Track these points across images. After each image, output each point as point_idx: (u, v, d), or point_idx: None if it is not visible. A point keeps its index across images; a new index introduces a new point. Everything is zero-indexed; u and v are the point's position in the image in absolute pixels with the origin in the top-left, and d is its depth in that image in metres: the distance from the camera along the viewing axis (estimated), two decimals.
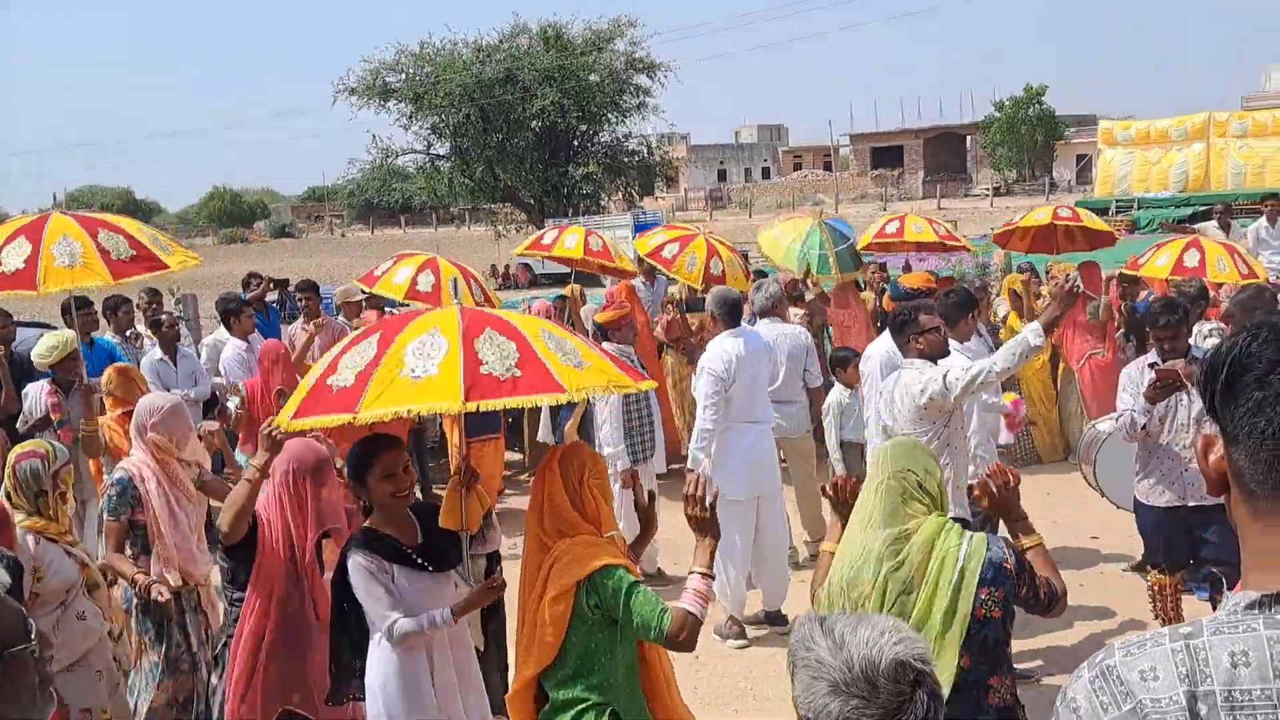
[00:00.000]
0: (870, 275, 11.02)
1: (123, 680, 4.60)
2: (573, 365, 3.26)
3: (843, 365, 7.56)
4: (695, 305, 10.08)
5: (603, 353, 3.61)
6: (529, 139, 34.37)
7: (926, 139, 64.41)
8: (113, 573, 4.58)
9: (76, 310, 6.39)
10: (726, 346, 6.29)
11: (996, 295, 10.82)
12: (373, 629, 3.70)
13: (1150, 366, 5.86)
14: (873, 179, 64.09)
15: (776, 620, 6.43)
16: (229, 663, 4.18)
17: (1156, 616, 3.35)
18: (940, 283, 9.74)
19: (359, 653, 3.78)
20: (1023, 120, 55.57)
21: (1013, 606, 3.20)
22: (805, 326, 8.50)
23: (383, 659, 3.69)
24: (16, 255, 5.17)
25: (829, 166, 71.55)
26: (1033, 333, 4.82)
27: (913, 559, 3.13)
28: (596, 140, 36.49)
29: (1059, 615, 3.45)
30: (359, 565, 3.61)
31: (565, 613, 3.18)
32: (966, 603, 3.08)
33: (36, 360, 7.05)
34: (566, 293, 10.18)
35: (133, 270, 5.36)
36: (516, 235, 32.71)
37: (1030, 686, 5.22)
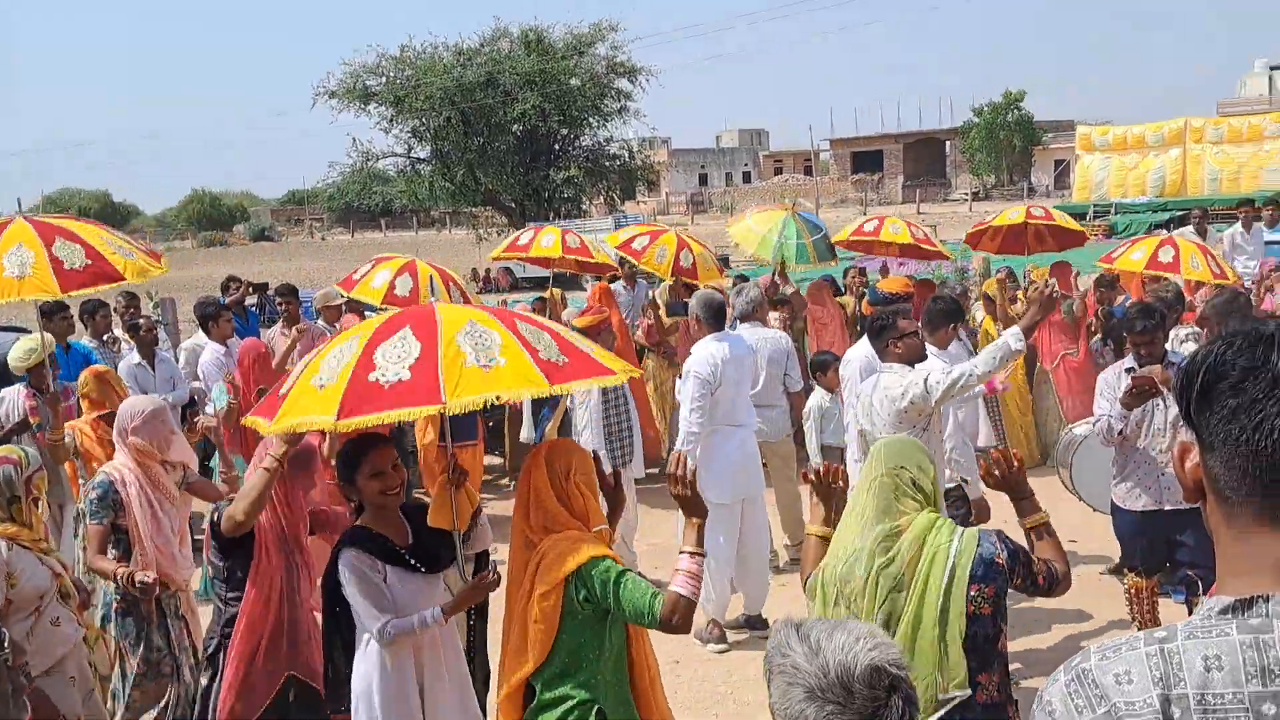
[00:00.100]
0: (849, 279, 11.09)
1: (98, 686, 4.57)
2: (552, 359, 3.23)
3: (823, 370, 7.59)
4: (676, 309, 10.10)
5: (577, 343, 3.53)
6: (510, 142, 34.30)
7: (906, 144, 64.81)
8: (94, 577, 4.56)
9: (53, 315, 6.33)
10: (712, 350, 6.28)
11: (975, 300, 10.88)
12: (361, 630, 3.67)
13: (1127, 372, 5.89)
14: (853, 183, 64.38)
15: (757, 624, 6.44)
16: (226, 658, 4.16)
17: (1133, 619, 3.37)
18: (918, 286, 9.81)
19: (352, 656, 3.75)
20: (1001, 126, 55.98)
21: (1004, 604, 3.21)
22: (785, 331, 8.52)
23: (369, 666, 3.66)
24: None
25: (810, 171, 71.89)
26: (1014, 337, 4.86)
27: (903, 555, 3.14)
28: (578, 144, 36.43)
29: (1062, 595, 3.44)
30: (352, 564, 3.58)
31: (556, 607, 3.16)
32: (960, 600, 3.09)
33: (12, 364, 6.98)
34: (546, 295, 10.18)
35: (83, 281, 5.28)
36: (497, 239, 32.58)
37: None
